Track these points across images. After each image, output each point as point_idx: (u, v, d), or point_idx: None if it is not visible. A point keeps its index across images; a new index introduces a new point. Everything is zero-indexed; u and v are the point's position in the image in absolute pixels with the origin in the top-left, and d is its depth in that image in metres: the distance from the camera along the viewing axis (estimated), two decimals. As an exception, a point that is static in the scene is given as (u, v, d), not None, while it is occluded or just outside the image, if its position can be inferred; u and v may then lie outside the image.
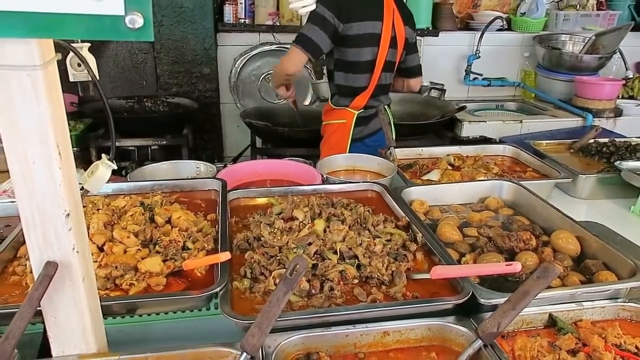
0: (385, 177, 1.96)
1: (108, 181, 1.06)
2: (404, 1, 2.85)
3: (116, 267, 1.24)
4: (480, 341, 1.01)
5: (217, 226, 1.47)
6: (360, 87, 2.63)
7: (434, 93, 3.80)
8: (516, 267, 1.12)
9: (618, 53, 3.90)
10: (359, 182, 1.89)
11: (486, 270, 1.30)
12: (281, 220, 1.49)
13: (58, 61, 0.83)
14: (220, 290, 1.15)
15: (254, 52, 3.88)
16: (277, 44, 3.86)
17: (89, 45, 1.75)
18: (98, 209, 1.51)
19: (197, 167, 2.15)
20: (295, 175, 2.06)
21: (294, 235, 1.43)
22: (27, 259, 1.24)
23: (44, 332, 1.00)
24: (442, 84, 3.82)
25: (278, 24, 3.84)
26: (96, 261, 1.26)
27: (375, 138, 2.70)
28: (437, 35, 4.05)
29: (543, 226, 1.63)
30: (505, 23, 4.24)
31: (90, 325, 0.97)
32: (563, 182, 2.05)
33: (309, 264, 1.29)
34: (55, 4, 0.69)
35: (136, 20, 0.70)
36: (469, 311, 1.18)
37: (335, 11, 2.43)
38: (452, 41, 4.18)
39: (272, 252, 1.36)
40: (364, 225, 1.52)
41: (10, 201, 1.67)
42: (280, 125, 3.40)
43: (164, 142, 3.36)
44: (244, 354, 0.94)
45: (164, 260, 1.29)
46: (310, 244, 1.37)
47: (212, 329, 1.23)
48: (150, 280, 1.23)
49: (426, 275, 1.26)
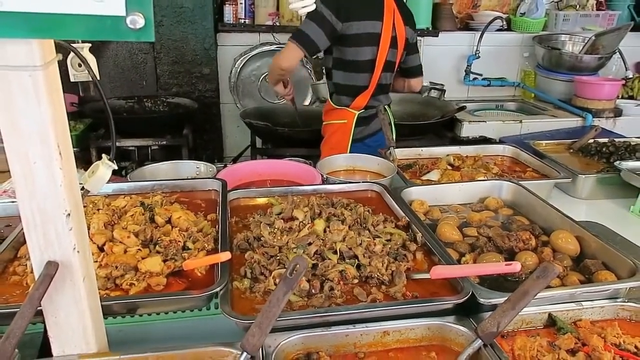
0: (385, 177, 1.96)
1: (108, 181, 1.07)
2: (404, 1, 2.85)
3: (116, 267, 1.24)
4: (480, 341, 1.01)
5: (217, 226, 1.48)
6: (360, 87, 2.63)
7: (433, 93, 3.81)
8: (516, 267, 1.12)
9: (618, 53, 3.90)
10: (359, 182, 1.89)
11: (486, 270, 1.30)
12: (281, 220, 1.49)
13: (59, 61, 0.83)
14: (221, 290, 1.15)
15: (254, 52, 3.88)
16: (277, 44, 3.86)
17: (90, 45, 1.75)
18: (98, 209, 1.51)
19: (197, 167, 2.15)
20: (295, 175, 2.06)
21: (294, 235, 1.43)
22: (28, 259, 1.25)
23: (44, 332, 1.00)
24: (442, 84, 3.83)
25: (278, 24, 3.84)
26: (96, 261, 1.26)
27: (376, 138, 2.70)
28: (437, 36, 4.06)
29: (543, 226, 1.63)
30: (505, 23, 4.25)
31: (90, 325, 0.97)
32: (563, 182, 2.05)
33: (309, 264, 1.29)
34: (56, 4, 0.69)
35: (137, 20, 0.70)
36: (468, 311, 1.18)
37: (334, 10, 2.43)
38: (452, 41, 4.19)
39: (272, 252, 1.36)
40: (364, 225, 1.52)
41: (11, 201, 1.67)
42: (280, 125, 3.40)
43: (164, 142, 3.36)
44: (244, 354, 0.94)
45: (164, 260, 1.30)
46: (310, 243, 1.38)
47: (213, 329, 1.23)
48: (151, 280, 1.23)
49: (426, 275, 1.26)
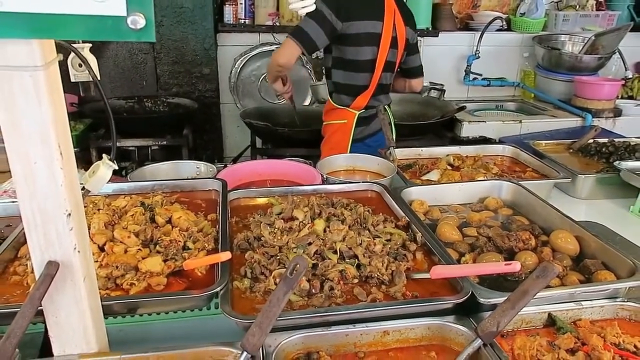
0: (385, 177, 1.96)
1: (109, 181, 1.07)
2: (405, 1, 2.85)
3: (117, 267, 1.24)
4: (480, 340, 1.01)
5: (218, 226, 1.48)
6: (361, 86, 2.63)
7: (433, 93, 3.82)
8: (515, 267, 1.12)
9: (617, 53, 3.91)
10: (359, 182, 1.89)
11: (485, 270, 1.30)
12: (281, 220, 1.50)
13: (59, 61, 0.83)
14: (221, 290, 1.15)
15: (254, 53, 3.89)
16: (277, 45, 3.86)
17: (90, 45, 1.75)
18: (99, 209, 1.52)
19: (198, 168, 2.15)
20: (295, 176, 2.07)
21: (294, 235, 1.43)
22: (28, 259, 1.25)
23: (45, 332, 1.00)
24: (442, 84, 3.84)
25: (278, 24, 3.85)
26: (97, 261, 1.26)
27: (376, 138, 2.70)
28: (437, 36, 4.06)
29: (542, 226, 1.63)
30: (504, 23, 4.25)
31: (91, 324, 0.97)
32: (562, 182, 2.05)
33: (309, 264, 1.29)
34: (56, 4, 0.69)
35: (138, 20, 0.70)
36: (468, 310, 1.18)
37: (335, 9, 2.43)
38: (452, 41, 4.19)
39: (273, 252, 1.37)
40: (364, 225, 1.53)
41: (11, 201, 1.67)
42: (280, 125, 3.40)
43: (164, 143, 3.36)
44: (245, 354, 0.94)
45: (165, 260, 1.30)
46: (310, 243, 1.38)
47: (213, 329, 1.23)
48: (151, 280, 1.23)
49: (426, 275, 1.26)
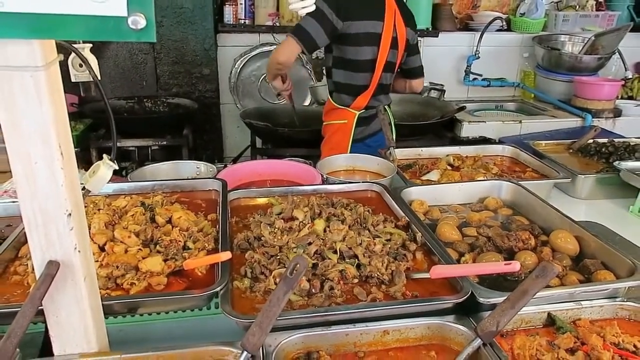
0: (385, 177, 1.97)
1: (109, 181, 1.07)
2: (405, 2, 2.86)
3: (117, 267, 1.25)
4: (480, 340, 1.02)
5: (218, 226, 1.48)
6: (361, 86, 2.64)
7: (433, 93, 3.82)
8: (515, 267, 1.13)
9: (617, 53, 3.91)
10: (359, 182, 1.89)
11: (485, 270, 1.30)
12: (281, 220, 1.50)
13: (60, 62, 0.83)
14: (221, 290, 1.16)
15: (254, 53, 3.89)
16: (277, 45, 3.86)
17: (91, 45, 1.75)
18: (99, 209, 1.52)
19: (198, 168, 2.15)
20: (295, 176, 2.07)
21: (294, 235, 1.43)
22: (29, 259, 1.25)
23: (45, 331, 1.00)
24: (442, 85, 3.84)
25: (278, 24, 3.85)
26: (97, 261, 1.26)
27: (377, 138, 2.70)
28: (437, 36, 4.06)
29: (542, 226, 1.63)
30: (504, 23, 4.25)
31: (91, 324, 0.97)
32: (562, 182, 2.05)
33: (309, 264, 1.29)
34: (57, 5, 0.69)
35: (139, 21, 0.70)
36: (468, 310, 1.18)
37: (335, 9, 2.42)
38: (452, 42, 4.19)
39: (273, 252, 1.37)
40: (364, 225, 1.53)
41: (12, 201, 1.67)
42: (280, 125, 3.40)
43: (164, 143, 3.37)
44: (245, 353, 0.95)
45: (165, 260, 1.30)
46: (310, 243, 1.38)
47: (213, 328, 1.24)
48: (151, 279, 1.23)
49: (426, 275, 1.26)
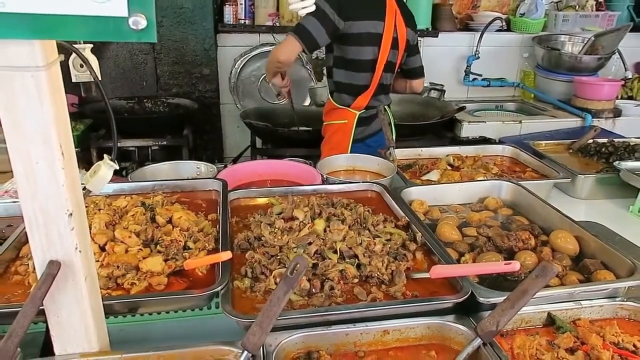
0: (385, 177, 1.97)
1: (109, 181, 1.07)
2: (405, 2, 2.86)
3: (118, 267, 1.25)
4: (480, 340, 1.02)
5: (218, 226, 1.48)
6: (361, 86, 2.64)
7: (433, 94, 3.82)
8: (515, 266, 1.13)
9: (617, 53, 3.91)
10: (359, 182, 1.90)
11: (485, 270, 1.31)
12: (281, 220, 1.50)
13: (60, 62, 0.84)
14: (221, 290, 1.16)
15: (254, 53, 3.89)
16: (277, 44, 3.86)
17: (92, 46, 1.75)
18: (100, 209, 1.52)
19: (198, 168, 2.15)
20: (295, 176, 2.07)
21: (294, 235, 1.43)
22: (30, 259, 1.25)
23: (46, 331, 1.00)
24: (442, 85, 3.84)
25: (278, 24, 3.85)
26: (98, 261, 1.27)
27: (377, 138, 2.70)
28: (437, 36, 4.06)
29: (542, 226, 1.63)
30: (504, 24, 4.26)
31: (92, 324, 0.97)
32: (562, 182, 2.05)
33: (309, 264, 1.29)
34: (58, 5, 0.69)
35: (139, 21, 0.70)
36: (468, 310, 1.18)
37: (336, 9, 2.42)
38: (452, 42, 4.19)
39: (273, 252, 1.37)
40: (364, 225, 1.53)
41: (12, 201, 1.68)
42: (280, 125, 3.40)
43: (165, 143, 3.37)
44: (245, 353, 0.95)
45: (165, 260, 1.30)
46: (310, 243, 1.38)
47: (213, 328, 1.24)
48: (152, 279, 1.24)
49: (426, 275, 1.27)
